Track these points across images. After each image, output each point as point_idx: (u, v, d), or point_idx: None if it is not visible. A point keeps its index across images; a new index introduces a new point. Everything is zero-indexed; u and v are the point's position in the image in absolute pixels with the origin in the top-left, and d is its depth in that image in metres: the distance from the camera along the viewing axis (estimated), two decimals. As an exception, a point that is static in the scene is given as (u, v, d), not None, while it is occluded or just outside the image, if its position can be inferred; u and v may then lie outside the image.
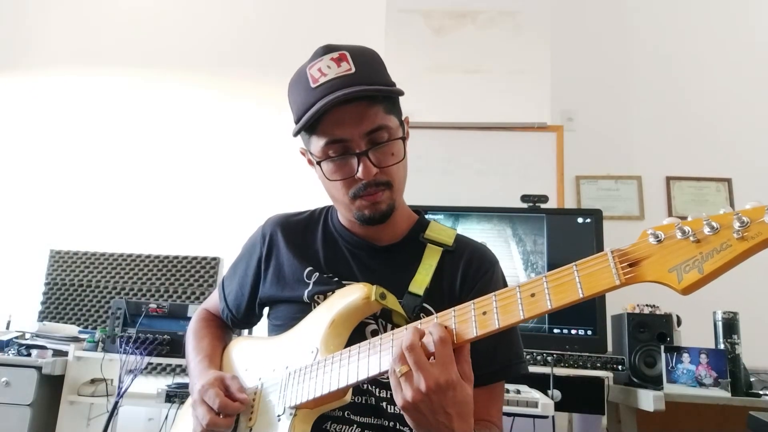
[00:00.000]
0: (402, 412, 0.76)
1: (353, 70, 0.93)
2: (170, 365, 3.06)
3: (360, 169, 0.93)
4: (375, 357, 0.82)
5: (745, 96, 3.16)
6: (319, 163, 0.98)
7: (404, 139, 0.99)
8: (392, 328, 0.95)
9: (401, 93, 0.97)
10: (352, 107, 0.92)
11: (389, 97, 0.97)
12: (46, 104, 3.64)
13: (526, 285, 0.72)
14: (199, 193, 3.37)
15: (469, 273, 1.03)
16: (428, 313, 0.96)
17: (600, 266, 0.66)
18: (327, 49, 0.95)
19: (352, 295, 0.93)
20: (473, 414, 0.97)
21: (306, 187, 3.00)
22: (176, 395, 2.34)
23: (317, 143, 0.96)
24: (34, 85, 3.68)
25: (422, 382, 0.72)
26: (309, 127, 0.95)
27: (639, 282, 0.63)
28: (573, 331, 2.27)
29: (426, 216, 1.14)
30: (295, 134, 0.98)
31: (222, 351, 1.14)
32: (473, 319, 0.76)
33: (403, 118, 1.03)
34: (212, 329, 1.20)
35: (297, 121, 0.97)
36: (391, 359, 0.78)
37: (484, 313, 0.75)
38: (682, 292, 0.60)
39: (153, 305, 2.54)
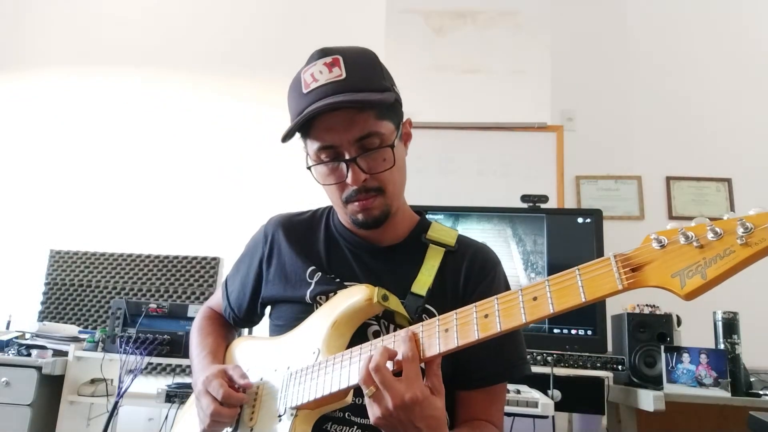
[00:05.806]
0: (376, 426, 0.80)
1: (344, 75, 0.92)
2: (170, 365, 3.06)
3: (349, 175, 0.94)
4: (377, 359, 0.83)
5: (745, 96, 3.16)
6: (310, 168, 0.99)
7: (393, 146, 0.96)
8: (394, 329, 0.96)
9: (389, 102, 0.95)
10: (341, 113, 0.92)
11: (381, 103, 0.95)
12: (45, 104, 3.64)
13: (528, 288, 0.72)
14: (199, 193, 3.37)
15: (472, 274, 1.02)
16: (430, 314, 0.97)
17: (603, 270, 0.66)
18: (321, 53, 0.95)
19: (354, 296, 0.94)
20: (472, 413, 0.98)
21: (307, 187, 3.01)
22: (176, 395, 2.33)
23: (311, 147, 0.97)
24: (33, 85, 3.67)
25: (389, 400, 0.76)
26: (303, 132, 0.97)
27: (641, 287, 0.64)
28: (573, 331, 2.27)
29: (426, 216, 1.14)
30: (283, 139, 0.97)
31: (225, 349, 1.15)
32: (475, 321, 0.76)
33: (404, 120, 1.03)
34: (216, 327, 1.21)
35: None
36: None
37: (486, 315, 0.75)
38: (685, 297, 0.61)
39: (153, 305, 2.54)
